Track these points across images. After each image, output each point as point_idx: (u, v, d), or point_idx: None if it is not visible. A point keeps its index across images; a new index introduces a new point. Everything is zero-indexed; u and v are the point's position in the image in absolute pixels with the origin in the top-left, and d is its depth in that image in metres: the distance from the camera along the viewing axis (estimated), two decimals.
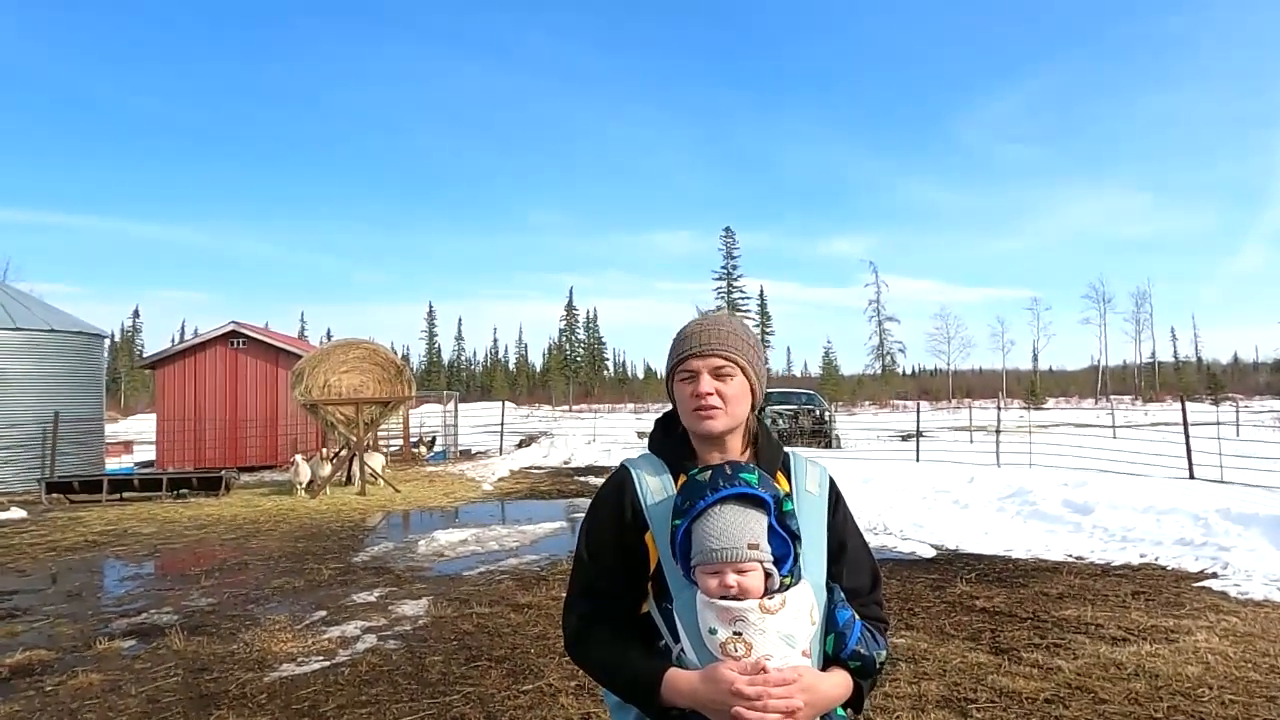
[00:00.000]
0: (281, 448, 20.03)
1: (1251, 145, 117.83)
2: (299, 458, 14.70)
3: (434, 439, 24.87)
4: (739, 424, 1.59)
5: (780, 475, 1.60)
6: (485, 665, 4.98)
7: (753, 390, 1.61)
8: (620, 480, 1.62)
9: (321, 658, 5.22)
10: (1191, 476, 12.14)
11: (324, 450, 15.75)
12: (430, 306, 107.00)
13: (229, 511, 12.36)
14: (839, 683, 1.46)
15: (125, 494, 14.44)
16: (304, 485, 14.32)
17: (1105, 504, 9.25)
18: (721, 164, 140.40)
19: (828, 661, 1.49)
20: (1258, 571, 6.66)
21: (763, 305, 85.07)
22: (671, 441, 1.64)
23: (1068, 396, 76.64)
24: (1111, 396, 67.18)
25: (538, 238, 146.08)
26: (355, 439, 15.04)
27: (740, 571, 1.42)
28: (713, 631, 1.42)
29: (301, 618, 6.21)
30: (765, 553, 1.44)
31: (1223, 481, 11.35)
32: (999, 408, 21.18)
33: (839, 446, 22.53)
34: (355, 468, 15.11)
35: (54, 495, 14.17)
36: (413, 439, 23.95)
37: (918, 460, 16.37)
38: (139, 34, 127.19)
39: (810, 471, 1.64)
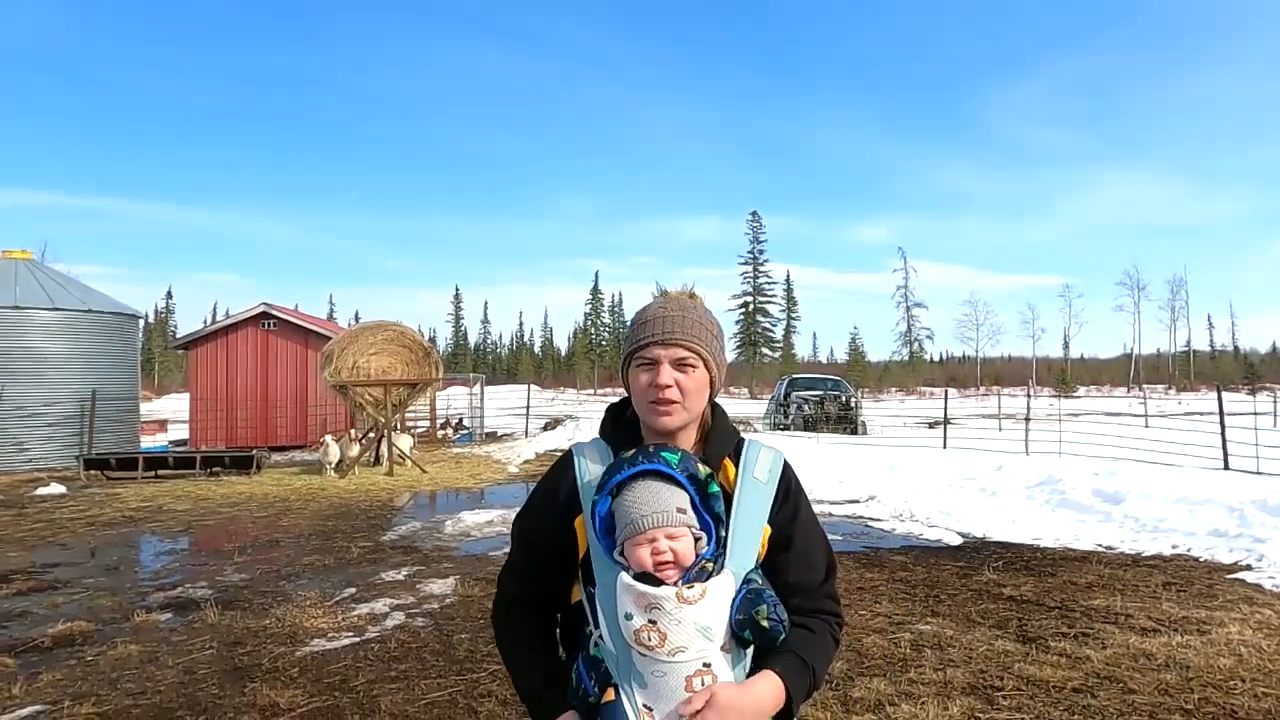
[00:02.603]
0: (311, 428, 20.35)
1: None
2: (328, 438, 14.93)
3: (460, 421, 25.09)
4: (695, 419, 1.55)
5: (729, 461, 1.56)
6: None
7: (712, 383, 1.56)
8: (563, 463, 1.60)
9: (351, 634, 5.32)
10: (1226, 467, 11.91)
11: (353, 431, 15.96)
12: (457, 290, 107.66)
13: (260, 490, 12.59)
14: (765, 690, 1.39)
15: (160, 471, 14.75)
16: (333, 465, 14.53)
17: (1137, 493, 9.11)
18: (749, 149, 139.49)
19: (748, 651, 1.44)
20: None
21: (789, 290, 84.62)
22: (621, 429, 1.60)
23: (1099, 385, 75.41)
24: (1144, 385, 66.04)
25: (563, 223, 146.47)
26: (383, 420, 15.21)
27: (671, 537, 1.38)
28: (628, 617, 1.36)
29: (332, 594, 6.33)
30: (692, 518, 1.41)
31: (1259, 473, 11.12)
32: (1028, 395, 20.94)
33: (865, 433, 22.40)
34: (383, 448, 15.30)
35: (92, 472, 14.51)
36: (439, 421, 24.18)
37: (945, 447, 16.22)
38: (174, 18, 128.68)
39: (762, 458, 1.57)
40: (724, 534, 1.45)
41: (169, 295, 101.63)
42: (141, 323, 20.57)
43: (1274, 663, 4.42)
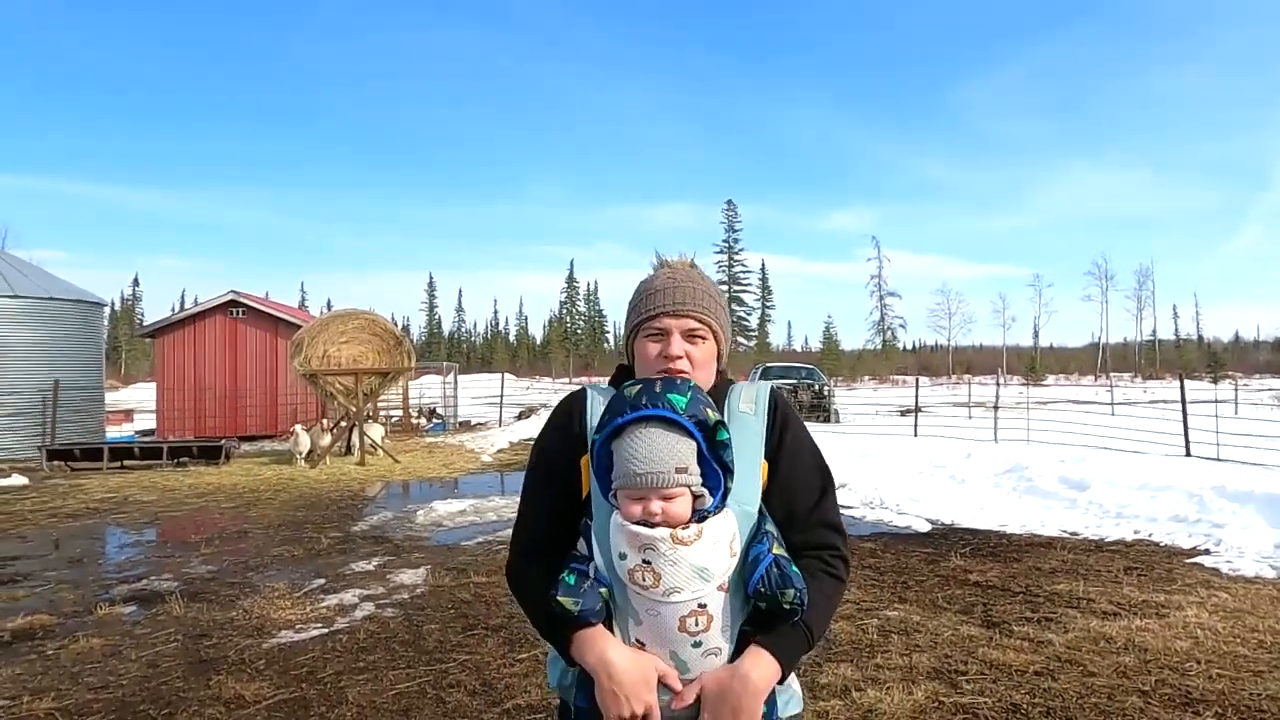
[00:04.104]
0: (281, 417, 20.09)
1: (1255, 123, 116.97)
2: (299, 428, 14.76)
3: (433, 410, 24.93)
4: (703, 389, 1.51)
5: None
6: (482, 633, 5.03)
7: (719, 355, 1.55)
8: (574, 398, 1.57)
9: (320, 625, 5.28)
10: (1188, 454, 12.17)
11: (324, 420, 15.79)
12: (430, 277, 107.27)
13: (229, 480, 12.43)
14: (756, 670, 1.36)
15: (126, 462, 14.52)
16: (303, 455, 14.38)
17: (1101, 480, 9.28)
18: (724, 137, 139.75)
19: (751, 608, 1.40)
20: (1250, 548, 6.70)
21: (764, 279, 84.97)
22: (628, 378, 1.57)
23: (1068, 374, 76.64)
24: (1111, 374, 67.20)
25: (539, 209, 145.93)
26: (354, 409, 15.07)
27: (666, 498, 1.33)
28: (622, 557, 1.34)
29: (300, 585, 6.27)
30: (694, 476, 1.35)
31: (1219, 459, 11.38)
32: (998, 384, 21.23)
33: (838, 421, 22.58)
34: (354, 438, 15.16)
35: (55, 462, 14.24)
36: (412, 410, 23.99)
37: (916, 435, 16.41)
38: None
39: (746, 392, 1.54)
40: (730, 484, 1.39)
41: (135, 282, 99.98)
42: (107, 310, 20.17)
43: (1228, 645, 4.53)
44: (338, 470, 13.57)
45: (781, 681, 1.43)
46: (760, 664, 1.37)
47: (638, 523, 1.33)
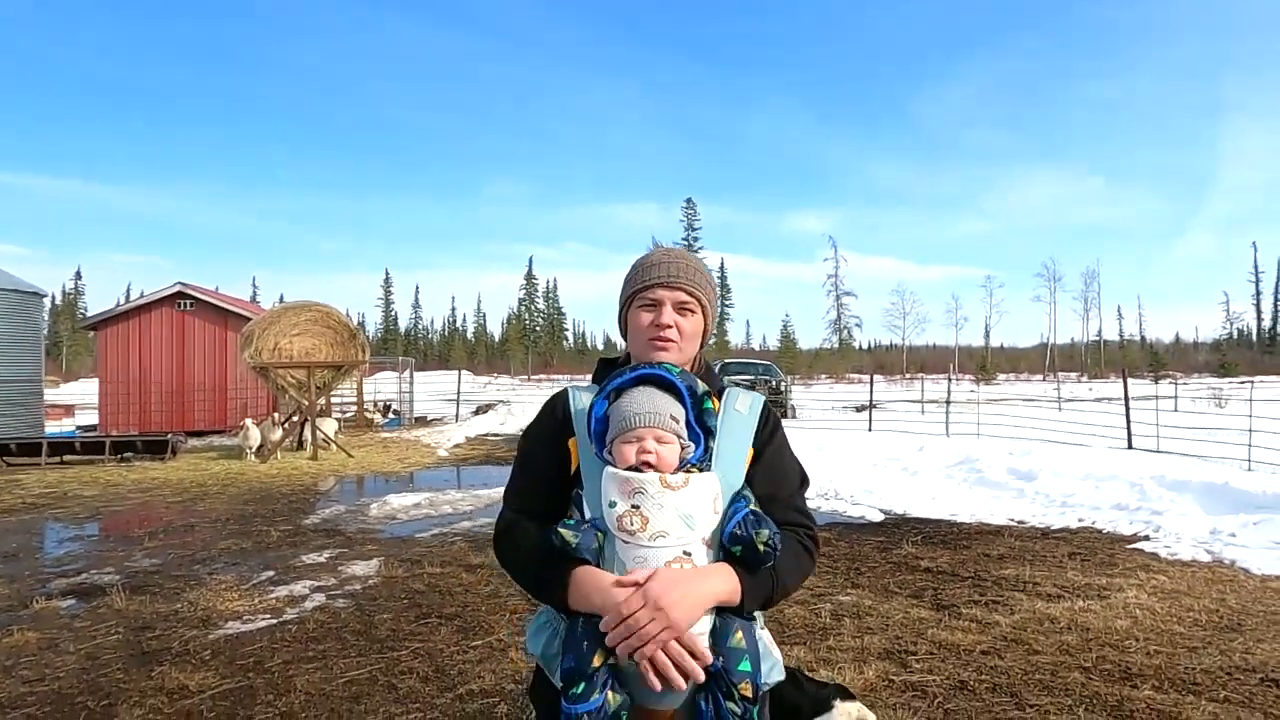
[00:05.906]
0: (231, 412, 19.64)
1: (1198, 133, 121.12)
2: (249, 422, 14.43)
3: (389, 405, 24.60)
4: (687, 361, 1.63)
5: (715, 398, 1.61)
6: (435, 622, 4.97)
7: (706, 329, 1.66)
8: (559, 395, 1.67)
9: (268, 616, 5.17)
10: (1130, 446, 12.54)
11: (275, 415, 15.47)
12: (387, 274, 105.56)
13: (175, 475, 12.11)
14: (716, 575, 1.41)
15: (66, 457, 14.05)
16: (254, 450, 14.07)
17: (1048, 471, 9.52)
18: (685, 138, 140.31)
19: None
20: (1187, 534, 6.93)
21: (723, 278, 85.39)
22: (611, 369, 1.66)
23: (1017, 372, 78.45)
24: (1059, 373, 68.96)
25: (498, 207, 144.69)
26: (307, 403, 14.79)
27: (660, 440, 1.45)
28: (612, 505, 1.42)
29: (249, 578, 6.13)
30: (683, 427, 1.48)
31: (1159, 451, 11.76)
32: (950, 381, 21.62)
33: (794, 416, 22.83)
34: (307, 432, 14.88)
35: None
36: (367, 405, 23.64)
37: (870, 430, 16.65)
38: None
39: (743, 397, 1.65)
40: (713, 445, 1.51)
41: (78, 276, 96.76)
42: (47, 303, 19.49)
43: (1165, 624, 4.69)
44: (289, 465, 13.30)
45: (747, 615, 1.46)
46: (721, 570, 1.43)
47: (630, 469, 1.41)
